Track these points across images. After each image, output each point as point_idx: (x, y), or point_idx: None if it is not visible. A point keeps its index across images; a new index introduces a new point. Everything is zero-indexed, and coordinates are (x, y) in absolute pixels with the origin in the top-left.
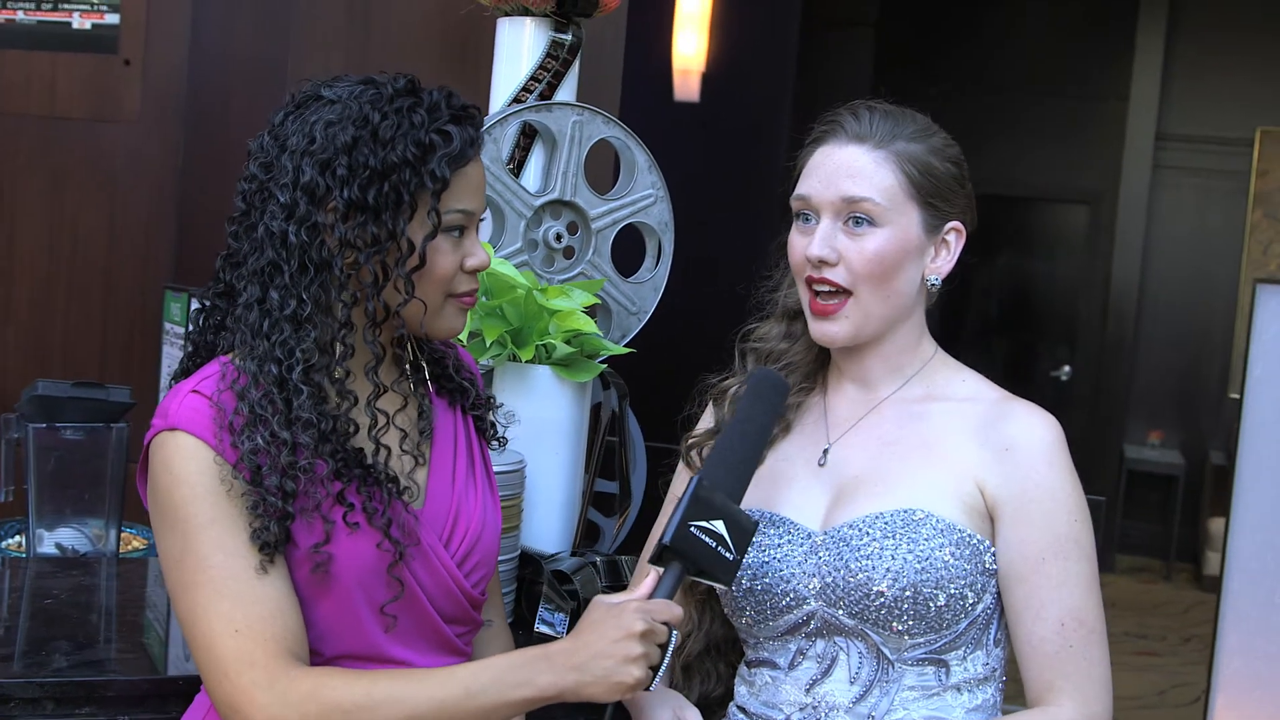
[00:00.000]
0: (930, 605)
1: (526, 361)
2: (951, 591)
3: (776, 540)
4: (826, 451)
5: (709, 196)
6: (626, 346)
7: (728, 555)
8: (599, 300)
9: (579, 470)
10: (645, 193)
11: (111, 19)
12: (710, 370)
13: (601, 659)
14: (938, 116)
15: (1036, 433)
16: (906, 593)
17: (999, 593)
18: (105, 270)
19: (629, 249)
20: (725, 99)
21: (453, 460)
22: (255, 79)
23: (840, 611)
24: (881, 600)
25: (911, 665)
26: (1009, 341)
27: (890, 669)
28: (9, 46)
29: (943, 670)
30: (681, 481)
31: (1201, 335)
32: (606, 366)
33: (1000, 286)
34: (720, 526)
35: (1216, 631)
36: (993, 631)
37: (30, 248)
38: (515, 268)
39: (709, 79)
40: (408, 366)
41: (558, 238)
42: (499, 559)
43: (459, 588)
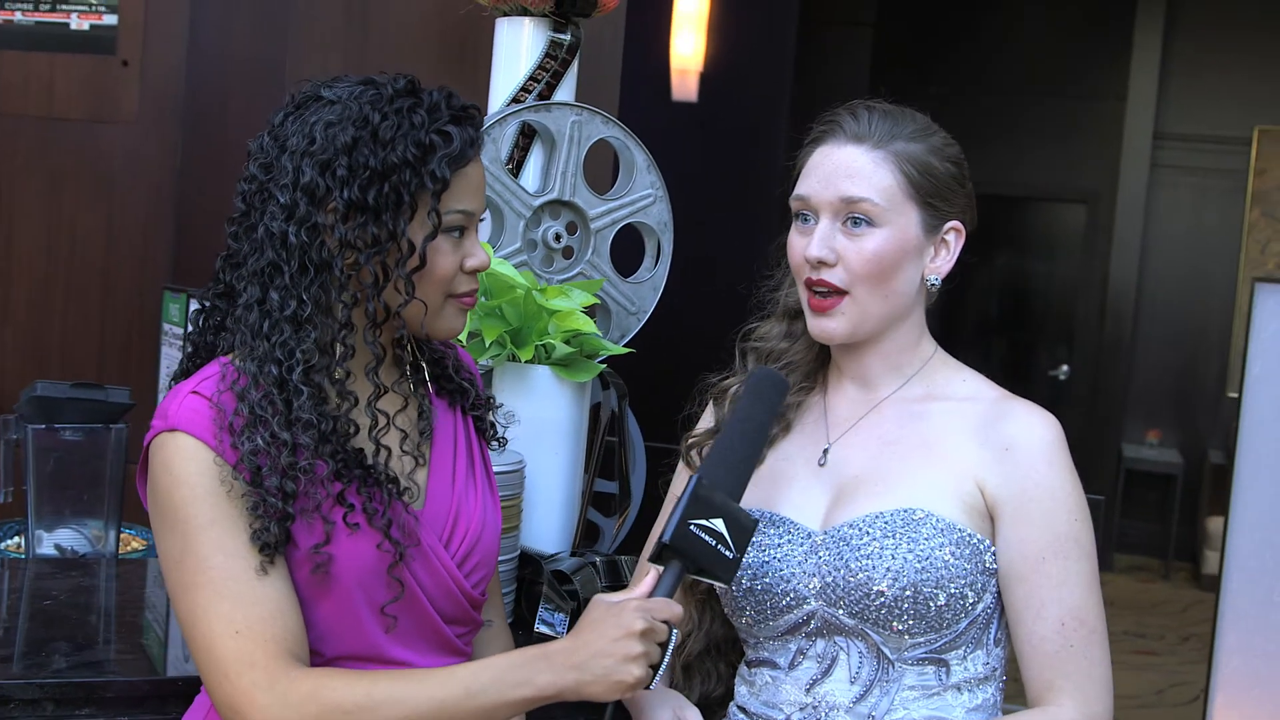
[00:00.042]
0: (930, 605)
1: (526, 362)
2: (952, 591)
3: (776, 540)
4: (826, 451)
5: (708, 196)
6: (626, 346)
7: (728, 553)
8: (598, 300)
9: (578, 470)
10: (644, 193)
11: (109, 20)
12: (710, 370)
13: (601, 658)
14: (936, 117)
15: (1036, 432)
16: (907, 592)
17: (999, 592)
18: (103, 271)
19: (628, 249)
20: (724, 99)
21: (453, 461)
22: (253, 80)
23: (840, 611)
24: (882, 600)
25: (912, 665)
26: (1007, 341)
27: (890, 669)
28: (7, 47)
29: (943, 670)
30: (681, 481)
31: (1199, 334)
32: (606, 366)
33: (998, 286)
34: (720, 525)
35: (1215, 630)
36: (993, 631)
37: (28, 248)
38: (514, 268)
39: (707, 79)
40: (408, 367)
41: (557, 238)
42: (499, 559)
43: (459, 588)
